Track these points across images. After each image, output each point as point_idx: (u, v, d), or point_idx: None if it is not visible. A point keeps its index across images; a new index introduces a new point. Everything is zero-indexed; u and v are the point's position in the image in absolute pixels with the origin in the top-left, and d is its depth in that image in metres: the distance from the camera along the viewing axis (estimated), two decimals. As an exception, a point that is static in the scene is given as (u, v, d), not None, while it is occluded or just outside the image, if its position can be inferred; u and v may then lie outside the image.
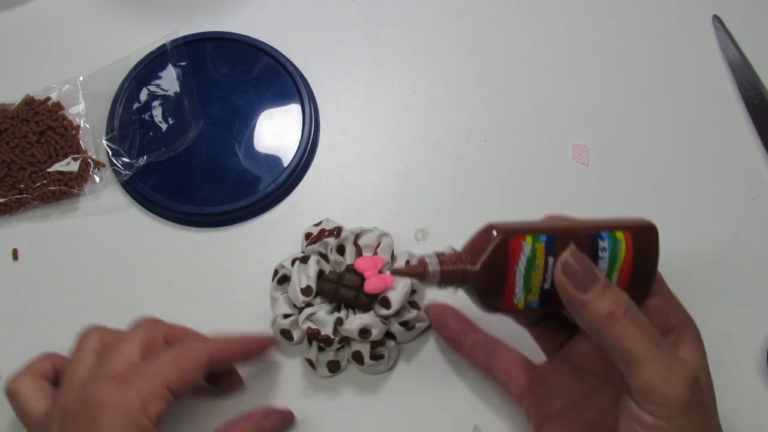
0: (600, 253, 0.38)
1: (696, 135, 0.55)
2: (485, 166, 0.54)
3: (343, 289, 0.46)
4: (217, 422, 0.44)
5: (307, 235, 0.50)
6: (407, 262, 0.48)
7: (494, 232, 0.37)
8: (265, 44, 0.56)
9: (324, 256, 0.49)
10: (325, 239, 0.48)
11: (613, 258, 0.38)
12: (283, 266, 0.49)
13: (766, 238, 0.52)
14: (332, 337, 0.46)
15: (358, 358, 0.46)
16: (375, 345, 0.46)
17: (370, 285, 0.45)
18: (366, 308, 0.46)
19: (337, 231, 0.49)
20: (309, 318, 0.46)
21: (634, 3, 0.59)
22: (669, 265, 0.51)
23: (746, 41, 0.57)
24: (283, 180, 0.52)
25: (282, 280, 0.48)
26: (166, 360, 0.40)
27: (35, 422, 0.41)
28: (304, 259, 0.47)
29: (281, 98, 0.55)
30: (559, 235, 0.38)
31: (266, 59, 0.56)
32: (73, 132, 0.54)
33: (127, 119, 0.54)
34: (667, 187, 0.53)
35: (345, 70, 0.57)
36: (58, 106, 0.54)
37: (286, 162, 0.53)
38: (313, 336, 0.46)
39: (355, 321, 0.45)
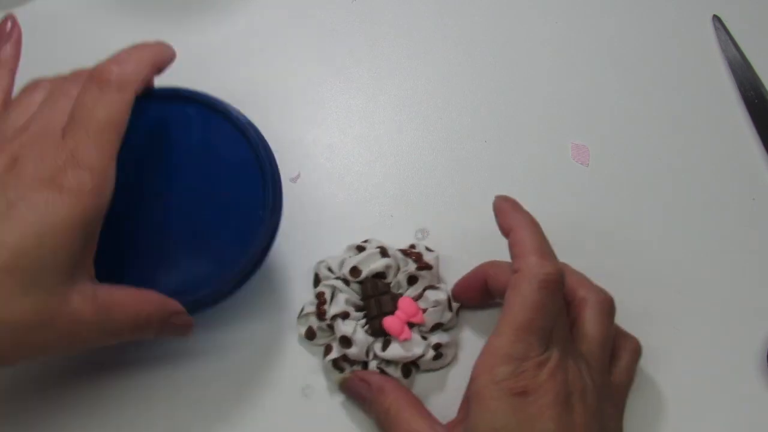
0: None
1: (696, 135, 0.55)
2: (485, 166, 0.54)
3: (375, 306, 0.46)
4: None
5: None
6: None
7: None
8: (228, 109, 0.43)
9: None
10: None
11: None
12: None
13: (766, 238, 0.52)
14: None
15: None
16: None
17: (394, 332, 0.45)
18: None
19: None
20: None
21: (633, 3, 0.59)
22: (669, 264, 0.51)
23: (746, 41, 0.57)
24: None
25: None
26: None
27: None
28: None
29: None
30: None
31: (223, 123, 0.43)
32: (73, 132, 0.53)
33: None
34: (666, 187, 0.53)
35: (345, 70, 0.57)
36: (58, 106, 0.54)
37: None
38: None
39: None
